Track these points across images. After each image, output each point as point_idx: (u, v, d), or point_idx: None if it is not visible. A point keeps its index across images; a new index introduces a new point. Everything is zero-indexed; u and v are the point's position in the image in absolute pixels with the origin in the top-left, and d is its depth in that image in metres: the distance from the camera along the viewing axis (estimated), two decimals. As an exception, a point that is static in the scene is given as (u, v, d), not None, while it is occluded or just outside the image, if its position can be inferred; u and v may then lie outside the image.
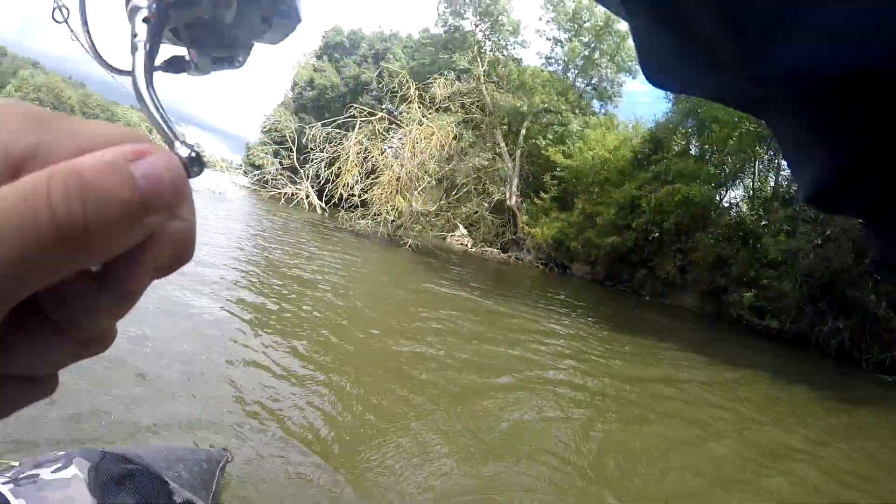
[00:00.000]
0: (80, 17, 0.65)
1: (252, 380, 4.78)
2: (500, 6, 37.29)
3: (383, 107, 33.91)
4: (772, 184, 24.73)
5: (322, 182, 25.07)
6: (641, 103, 66.53)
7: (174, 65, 0.65)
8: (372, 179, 23.08)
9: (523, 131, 34.60)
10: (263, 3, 0.66)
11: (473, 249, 30.41)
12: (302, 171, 29.18)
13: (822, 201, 0.47)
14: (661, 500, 4.45)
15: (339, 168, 22.91)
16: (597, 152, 30.71)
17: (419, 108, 23.98)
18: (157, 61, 0.49)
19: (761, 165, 24.79)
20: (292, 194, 30.08)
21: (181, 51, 0.65)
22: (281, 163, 32.08)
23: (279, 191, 30.13)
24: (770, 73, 0.40)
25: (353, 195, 22.53)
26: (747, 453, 5.97)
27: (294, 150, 33.28)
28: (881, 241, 0.46)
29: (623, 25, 36.08)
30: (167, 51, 0.61)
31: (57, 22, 0.67)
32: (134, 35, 0.47)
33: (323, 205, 29.39)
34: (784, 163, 22.81)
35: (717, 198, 25.88)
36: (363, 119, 23.89)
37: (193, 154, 0.29)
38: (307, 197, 29.91)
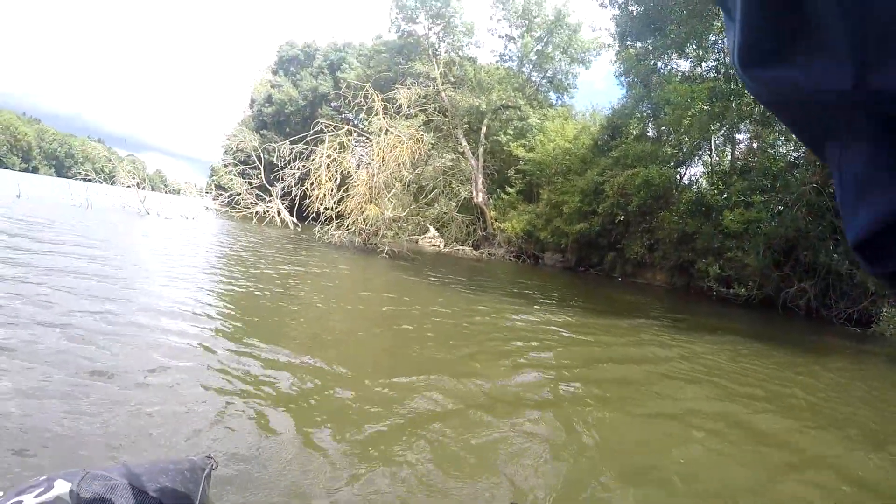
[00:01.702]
0: None
1: (234, 387, 4.76)
2: (451, 8, 37.42)
3: (342, 115, 34.01)
4: (729, 158, 25.38)
5: (294, 198, 25.15)
6: (597, 92, 67.30)
7: None
8: (343, 191, 23.20)
9: (484, 129, 34.94)
10: None
11: (446, 249, 30.58)
12: (271, 188, 29.24)
13: (875, 245, 0.46)
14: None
15: (312, 183, 23.00)
16: (557, 143, 31.21)
17: (383, 117, 24.16)
18: None
19: (718, 141, 25.37)
20: (264, 212, 30.12)
21: None
22: (250, 183, 32.00)
23: (250, 210, 30.16)
24: (880, 87, 0.38)
25: (328, 208, 22.65)
26: (735, 398, 6.52)
27: (261, 168, 33.28)
28: None
29: (573, 18, 36.89)
30: None
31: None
32: None
33: (295, 220, 29.48)
34: (741, 136, 23.56)
35: (678, 176, 26.46)
36: (330, 133, 23.99)
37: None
38: (279, 214, 29.98)
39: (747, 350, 10.32)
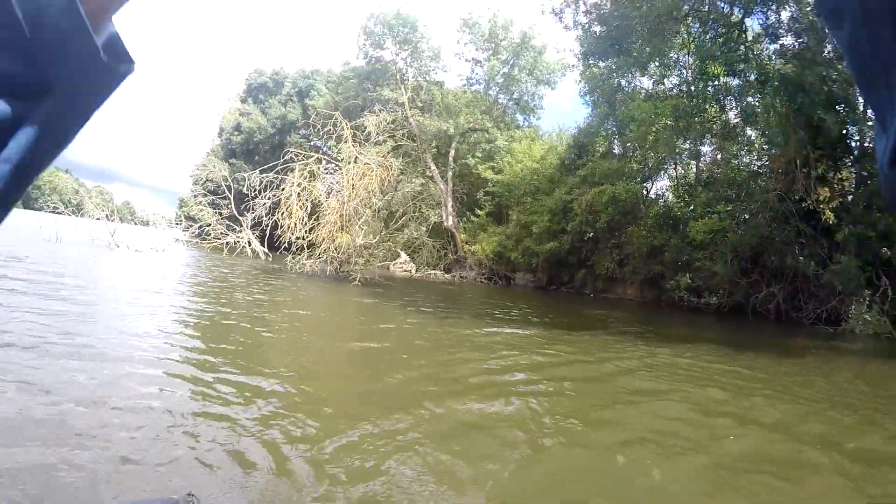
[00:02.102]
0: None
1: (210, 417, 4.63)
2: (418, 34, 37.64)
3: (312, 143, 33.79)
4: (694, 171, 25.59)
5: (265, 228, 24.80)
6: (563, 112, 68.42)
7: None
8: (315, 220, 22.94)
9: (452, 152, 34.93)
10: None
11: (418, 274, 30.34)
12: (242, 218, 28.84)
13: None
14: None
15: (283, 213, 22.72)
16: (525, 164, 31.29)
17: (353, 145, 24.00)
18: None
19: (683, 155, 25.56)
20: (234, 243, 29.66)
21: None
22: (220, 213, 31.50)
23: (220, 241, 29.67)
24: None
25: (299, 238, 22.37)
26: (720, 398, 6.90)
27: (231, 198, 32.84)
28: None
29: (539, 41, 37.24)
30: None
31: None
32: None
33: (266, 250, 29.06)
34: (705, 149, 23.76)
35: (645, 191, 26.63)
36: (300, 162, 23.74)
37: None
38: (249, 244, 29.54)
39: (716, 355, 10.41)
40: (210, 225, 30.24)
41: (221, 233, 29.77)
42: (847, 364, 11.15)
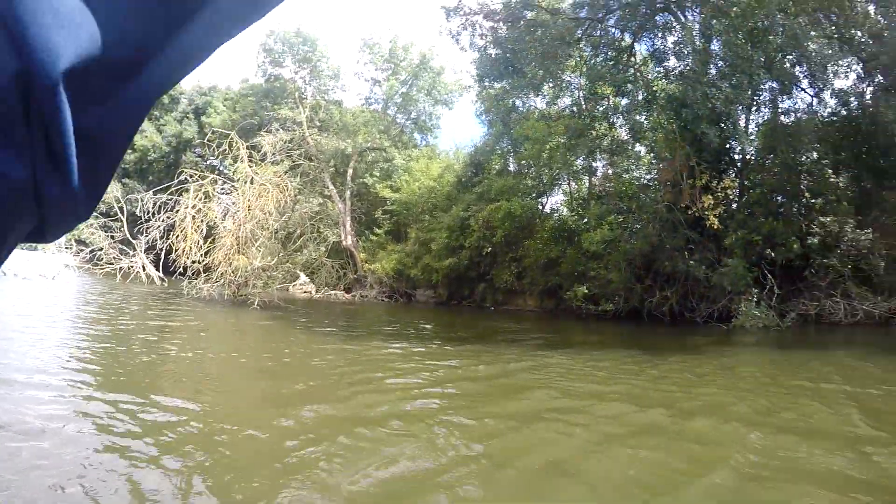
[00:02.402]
0: None
1: (112, 441, 4.68)
2: (318, 52, 37.05)
3: (207, 162, 32.73)
4: (587, 185, 26.33)
5: (159, 251, 23.67)
6: (460, 131, 68.95)
7: None
8: (210, 242, 22.13)
9: (350, 171, 34.45)
10: None
11: (318, 295, 29.64)
12: (135, 242, 27.38)
13: None
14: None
15: (178, 236, 21.76)
16: (422, 182, 31.36)
17: (250, 165, 23.34)
18: None
19: (576, 171, 26.27)
20: (128, 268, 28.08)
21: None
22: (112, 236, 29.72)
23: (113, 266, 28.02)
24: None
25: (195, 261, 21.49)
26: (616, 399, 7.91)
27: (123, 220, 31.11)
28: None
29: (437, 62, 37.48)
30: None
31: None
32: None
33: (162, 275, 27.70)
34: (597, 164, 24.55)
35: (540, 206, 27.15)
36: (195, 182, 22.81)
37: None
38: (143, 269, 28.06)
39: (614, 356, 11.26)
40: (102, 249, 28.56)
41: (114, 258, 28.11)
42: (735, 353, 12.46)
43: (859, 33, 19.66)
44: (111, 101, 0.49)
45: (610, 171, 24.82)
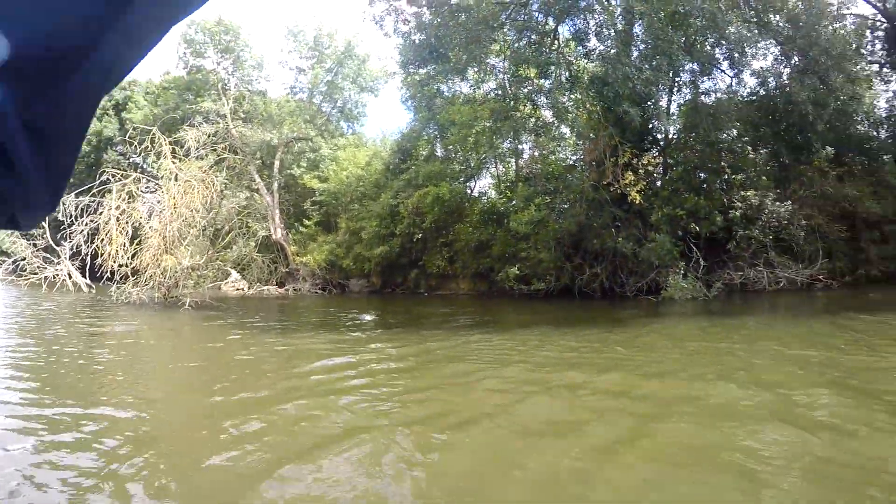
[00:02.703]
0: None
1: (46, 449, 4.66)
2: (241, 42, 35.76)
3: (129, 160, 31.39)
4: (514, 168, 26.34)
5: (84, 257, 22.49)
6: (386, 118, 68.65)
7: None
8: (137, 244, 21.19)
9: (277, 163, 33.55)
10: None
11: (251, 292, 28.71)
12: (59, 248, 25.92)
13: None
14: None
15: (103, 239, 20.73)
16: (350, 171, 30.80)
17: (173, 161, 22.40)
18: None
19: (503, 154, 26.28)
20: (54, 277, 26.61)
21: None
22: (34, 244, 28.06)
23: (38, 276, 26.46)
24: None
25: (122, 265, 20.54)
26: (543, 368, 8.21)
27: (46, 226, 29.42)
28: None
29: (362, 49, 36.89)
30: None
31: None
32: None
33: (89, 282, 26.35)
34: (523, 147, 24.63)
35: (468, 190, 27.11)
36: (118, 182, 21.72)
37: None
38: (69, 276, 26.63)
39: (548, 333, 11.48)
40: (25, 259, 27.06)
41: (38, 267, 26.60)
42: (663, 322, 13.53)
43: (777, 17, 20.18)
44: (56, 94, 0.48)
45: (536, 153, 24.93)
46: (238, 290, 29.20)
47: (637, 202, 18.68)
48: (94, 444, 4.85)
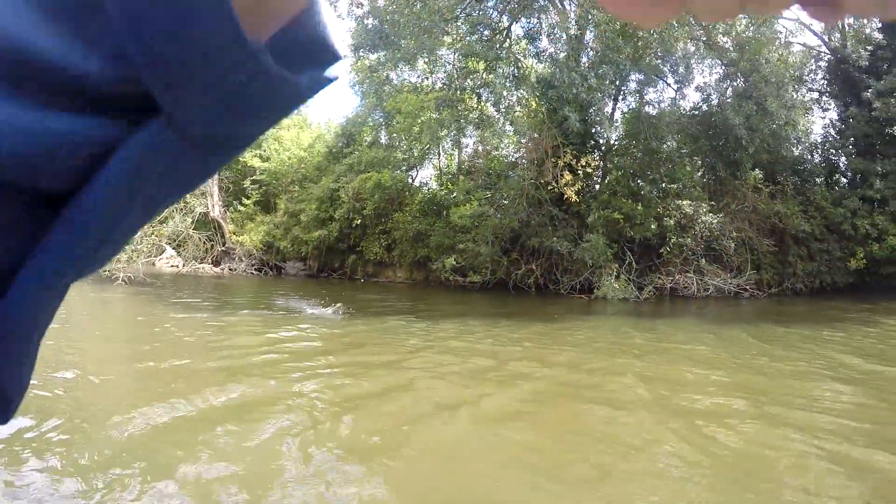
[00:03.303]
0: None
1: None
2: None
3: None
4: (456, 160, 26.17)
5: None
6: (332, 102, 67.56)
7: None
8: None
9: (217, 139, 32.73)
10: None
11: (186, 269, 27.74)
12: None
13: None
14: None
15: None
16: (293, 152, 30.09)
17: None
18: None
19: (446, 146, 26.10)
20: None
21: None
22: None
23: None
24: None
25: None
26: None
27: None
28: None
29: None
30: None
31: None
32: None
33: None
34: (466, 140, 24.47)
35: (410, 179, 26.74)
36: None
37: None
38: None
39: (481, 325, 11.66)
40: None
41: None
42: (593, 320, 14.07)
43: (726, 38, 20.49)
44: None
45: (479, 148, 24.83)
46: (173, 266, 28.11)
47: (573, 200, 18.80)
48: (18, 435, 4.70)
